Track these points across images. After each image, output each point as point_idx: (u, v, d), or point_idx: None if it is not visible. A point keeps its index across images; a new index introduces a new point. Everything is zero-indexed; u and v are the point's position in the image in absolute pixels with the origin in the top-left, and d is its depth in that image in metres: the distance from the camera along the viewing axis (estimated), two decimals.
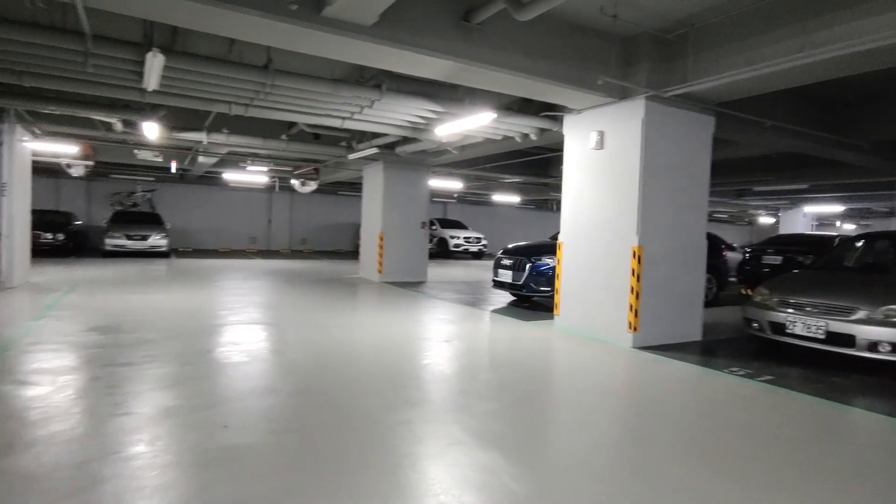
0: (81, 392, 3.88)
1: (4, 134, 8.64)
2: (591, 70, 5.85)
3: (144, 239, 16.02)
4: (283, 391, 4.14)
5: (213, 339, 5.77)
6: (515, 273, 8.69)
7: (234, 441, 3.15)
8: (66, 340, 5.40)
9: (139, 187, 20.89)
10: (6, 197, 8.71)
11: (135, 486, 2.57)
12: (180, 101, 6.91)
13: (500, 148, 9.95)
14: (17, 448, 2.91)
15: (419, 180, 12.64)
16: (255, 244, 23.21)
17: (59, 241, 15.29)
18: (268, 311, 7.80)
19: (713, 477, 2.92)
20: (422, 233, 12.79)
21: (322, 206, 24.50)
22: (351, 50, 4.90)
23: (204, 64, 5.67)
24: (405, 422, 3.55)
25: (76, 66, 5.54)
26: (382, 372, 4.78)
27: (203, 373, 4.50)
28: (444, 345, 6.02)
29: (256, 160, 14.16)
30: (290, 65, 6.63)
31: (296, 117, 7.82)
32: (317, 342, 5.82)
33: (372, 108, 7.13)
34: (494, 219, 28.33)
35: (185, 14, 4.21)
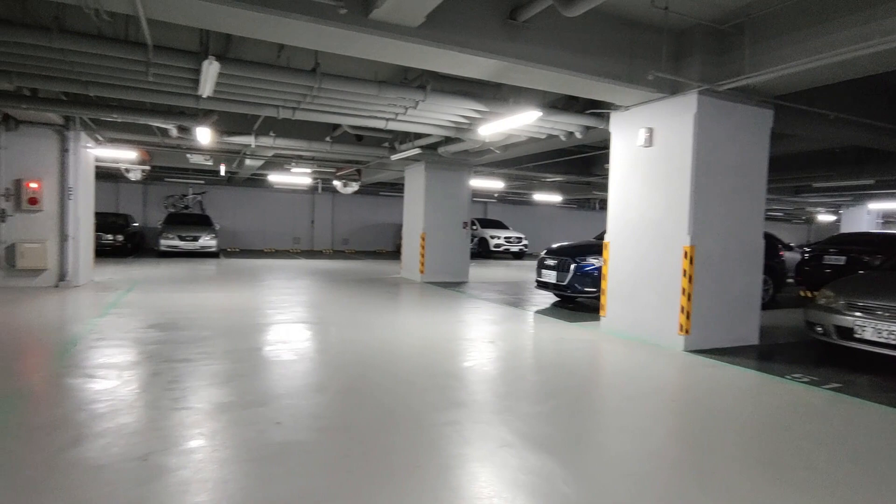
0: (144, 386, 4.05)
1: (70, 141, 9.17)
2: (640, 65, 5.69)
3: (196, 240, 16.68)
4: (331, 389, 4.20)
5: (263, 337, 5.93)
6: (560, 273, 8.55)
7: (287, 438, 3.21)
8: (128, 337, 5.66)
9: (190, 190, 21.77)
10: (72, 200, 9.24)
11: (198, 478, 2.66)
12: (231, 106, 7.14)
13: (543, 147, 9.83)
14: (87, 439, 3.07)
15: (461, 180, 12.63)
16: (299, 244, 23.79)
17: (119, 241, 16.10)
18: (313, 310, 7.96)
19: (780, 490, 2.77)
20: (463, 233, 12.78)
21: (364, 207, 24.87)
22: (397, 51, 4.93)
23: (255, 70, 5.83)
24: (452, 422, 3.54)
25: (138, 76, 5.81)
26: (427, 372, 4.79)
27: (254, 370, 4.62)
28: (488, 345, 5.98)
29: (300, 162, 14.50)
30: (336, 68, 6.76)
31: (340, 119, 7.95)
32: (361, 341, 5.89)
33: (416, 109, 7.17)
34: (535, 218, 28.04)
35: (240, 22, 4.34)
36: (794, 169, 12.81)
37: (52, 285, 9.12)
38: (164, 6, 4.09)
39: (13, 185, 8.89)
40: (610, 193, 6.95)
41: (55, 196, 9.13)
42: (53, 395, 3.79)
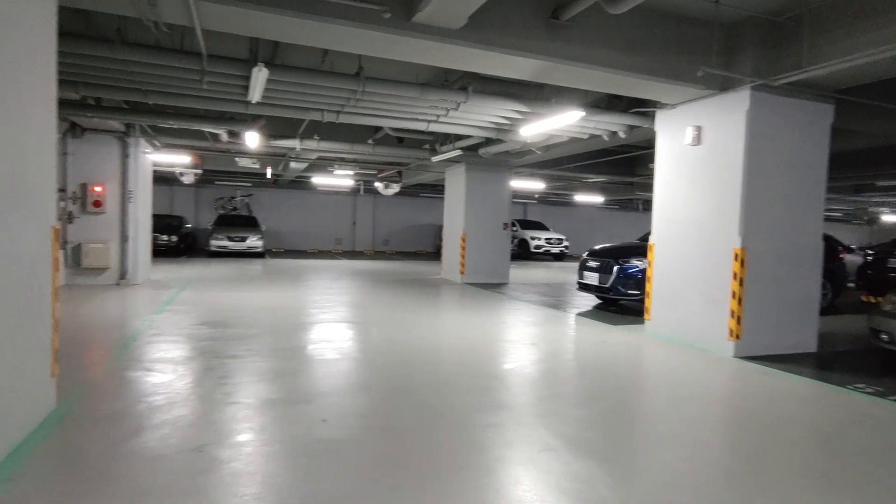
0: (197, 381, 4.23)
1: (131, 147, 9.68)
2: (688, 61, 5.52)
3: (243, 240, 17.26)
4: (374, 388, 4.27)
5: (307, 336, 6.08)
6: (602, 275, 8.39)
7: (333, 435, 3.29)
8: (182, 333, 5.92)
9: (238, 192, 22.55)
10: (132, 203, 9.74)
11: (248, 470, 2.76)
12: (278, 110, 7.37)
13: (585, 147, 9.67)
14: (146, 430, 3.23)
15: (501, 181, 12.58)
16: (341, 245, 24.26)
17: (173, 242, 16.85)
18: (355, 309, 8.10)
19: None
20: (504, 234, 12.72)
21: (404, 208, 25.12)
22: (439, 54, 4.96)
23: (301, 75, 5.99)
24: (495, 424, 3.53)
25: (193, 84, 6.08)
26: (468, 373, 4.79)
27: (300, 368, 4.75)
28: (530, 347, 5.94)
29: (343, 164, 14.79)
30: (379, 71, 6.86)
31: (382, 122, 8.06)
32: (403, 341, 5.95)
33: (457, 111, 7.19)
34: (576, 219, 27.61)
35: (288, 29, 4.47)
36: (854, 167, 12.11)
37: (113, 283, 9.64)
38: (217, 17, 4.26)
39: (79, 188, 9.44)
40: (655, 194, 6.77)
41: (117, 199, 9.65)
42: (115, 388, 4.01)
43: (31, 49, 3.05)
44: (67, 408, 3.50)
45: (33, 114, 3.09)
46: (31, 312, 3.09)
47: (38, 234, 3.18)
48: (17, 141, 2.87)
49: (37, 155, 3.14)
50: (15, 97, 2.84)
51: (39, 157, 3.18)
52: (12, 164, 2.81)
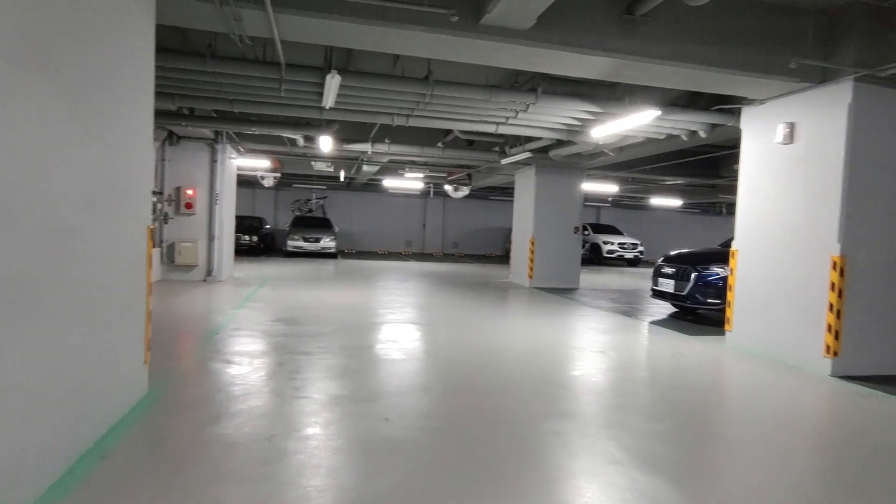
0: (270, 374, 4.44)
1: (219, 153, 10.39)
2: (779, 53, 5.12)
3: (317, 241, 18.00)
4: (438, 390, 4.29)
5: (374, 336, 6.23)
6: (678, 282, 7.96)
7: (395, 434, 3.33)
8: (259, 328, 6.25)
9: (314, 195, 23.56)
10: (218, 205, 10.45)
11: (313, 463, 2.86)
12: (351, 115, 7.62)
13: (662, 148, 9.23)
14: (224, 418, 3.43)
15: (572, 184, 12.29)
16: (410, 247, 24.68)
17: (254, 242, 17.88)
18: (422, 311, 8.19)
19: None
20: (574, 238, 12.41)
21: (473, 211, 25.16)
22: (508, 55, 4.92)
23: (372, 80, 6.16)
24: (558, 433, 3.44)
25: (273, 92, 6.43)
26: (533, 378, 4.70)
27: (366, 367, 4.86)
28: (599, 355, 5.73)
29: (413, 167, 15.05)
30: (448, 75, 6.91)
31: (452, 125, 8.11)
32: (468, 344, 5.95)
33: (527, 112, 7.10)
34: (652, 223, 26.42)
35: (361, 37, 4.61)
36: None
37: (201, 279, 10.37)
38: (295, 28, 4.48)
39: (174, 192, 10.26)
40: (739, 196, 6.33)
41: (205, 201, 10.39)
42: (199, 377, 4.30)
43: (133, 68, 3.34)
44: (157, 393, 3.80)
45: (133, 125, 3.38)
46: (128, 305, 3.38)
47: (135, 234, 3.47)
48: (120, 150, 3.16)
49: (135, 162, 3.43)
50: (120, 113, 3.12)
51: (137, 163, 3.48)
52: (115, 170, 3.08)
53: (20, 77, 2.12)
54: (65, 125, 2.50)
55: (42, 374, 2.36)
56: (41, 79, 2.28)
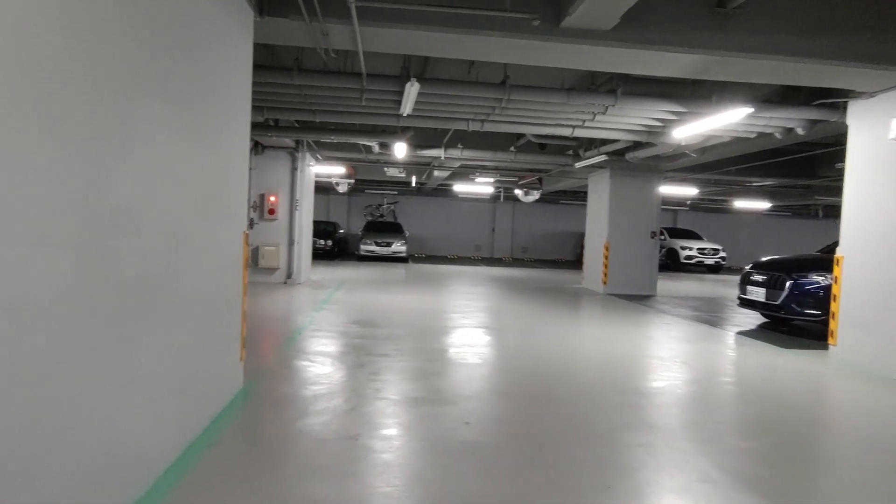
0: (351, 375, 4.60)
1: (299, 161, 10.92)
2: (891, 41, 4.67)
3: (389, 245, 18.42)
4: (515, 395, 4.26)
5: (448, 339, 6.28)
6: (771, 291, 7.42)
7: (475, 438, 3.34)
8: (337, 330, 6.49)
9: (385, 200, 24.17)
10: (298, 211, 10.97)
11: (398, 463, 2.92)
12: (426, 122, 7.76)
13: (751, 147, 8.68)
14: (311, 415, 3.59)
15: (649, 187, 11.83)
16: (480, 252, 24.70)
17: (329, 246, 18.59)
18: (494, 316, 8.17)
19: None
20: (651, 243, 11.93)
21: (544, 215, 24.81)
22: (589, 57, 4.82)
23: (449, 87, 6.25)
24: (645, 445, 3.30)
25: (353, 101, 6.68)
26: (613, 387, 4.55)
27: (443, 370, 4.91)
28: (682, 366, 5.46)
29: (484, 172, 15.07)
30: (523, 79, 6.87)
31: (526, 129, 8.06)
32: (543, 350, 5.86)
33: (604, 115, 6.92)
34: (735, 228, 24.85)
35: (440, 45, 4.70)
36: None
37: (281, 282, 10.93)
38: (378, 40, 4.63)
39: (258, 198, 10.89)
40: (845, 198, 5.82)
41: (286, 207, 10.95)
42: (286, 374, 4.52)
43: (234, 86, 3.59)
44: (251, 388, 4.04)
45: (233, 138, 3.63)
46: (228, 304, 3.63)
47: (234, 238, 3.72)
48: (223, 161, 3.40)
49: (234, 171, 3.68)
50: (224, 126, 3.36)
51: (236, 173, 3.73)
52: (219, 180, 3.33)
53: (143, 99, 2.34)
54: (179, 140, 2.72)
55: (161, 366, 2.58)
56: (161, 98, 2.50)
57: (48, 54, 1.68)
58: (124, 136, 2.16)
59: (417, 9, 4.29)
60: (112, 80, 2.06)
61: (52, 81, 1.71)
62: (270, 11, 4.19)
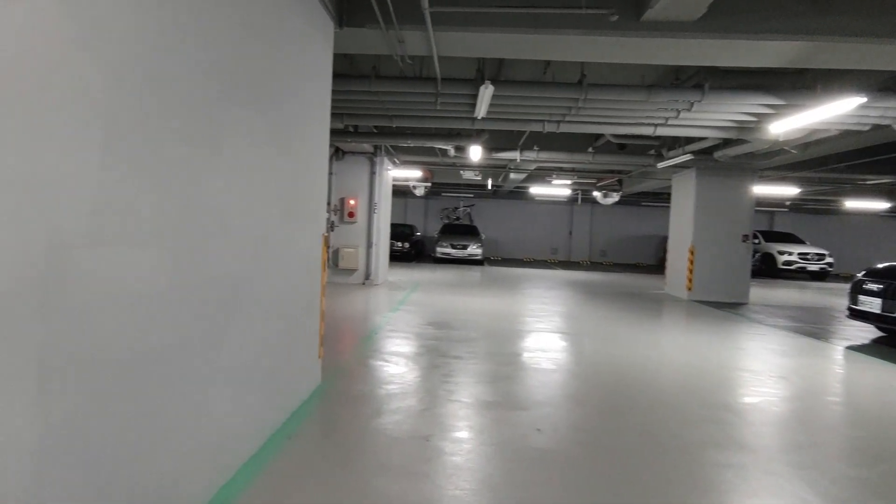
0: (424, 375, 4.65)
1: (377, 165, 11.26)
2: None
3: (465, 248, 18.51)
4: (591, 404, 4.10)
5: (522, 343, 6.18)
6: (888, 301, 6.64)
7: (547, 445, 3.25)
8: (413, 331, 6.60)
9: (461, 203, 24.33)
10: (376, 214, 11.31)
11: (468, 466, 2.91)
12: (501, 124, 7.71)
13: (865, 141, 7.83)
14: (385, 414, 3.66)
15: (740, 187, 11.01)
16: (556, 255, 24.20)
17: (405, 248, 19.00)
18: (570, 321, 7.95)
19: None
20: (743, 247, 11.09)
21: (623, 218, 23.88)
22: (672, 51, 4.57)
23: (524, 88, 6.17)
24: (734, 465, 3.06)
25: (429, 106, 6.78)
26: (699, 401, 4.26)
27: (516, 374, 4.84)
28: (779, 381, 5.01)
29: (561, 174, 14.74)
30: (601, 77, 6.65)
31: (604, 129, 7.79)
32: (621, 357, 5.61)
33: (690, 111, 6.52)
34: (844, 230, 22.55)
35: (515, 46, 4.65)
36: None
37: (359, 283, 11.31)
38: (452, 44, 4.67)
39: (339, 202, 11.36)
40: None
41: (365, 210, 11.32)
42: (362, 373, 4.66)
43: (316, 94, 3.77)
44: (328, 385, 4.20)
45: (314, 144, 3.80)
46: (308, 303, 3.80)
47: (314, 241, 3.89)
48: (305, 167, 3.57)
49: (315, 176, 3.86)
50: (306, 133, 3.53)
51: (316, 177, 3.90)
52: (301, 184, 3.50)
53: (233, 106, 2.50)
54: (264, 146, 2.89)
55: (245, 360, 2.74)
56: (247, 106, 2.66)
57: (151, 66, 1.84)
58: (215, 142, 2.32)
59: (490, 11, 4.28)
60: (205, 88, 2.22)
61: (154, 92, 1.87)
62: (349, 22, 4.35)
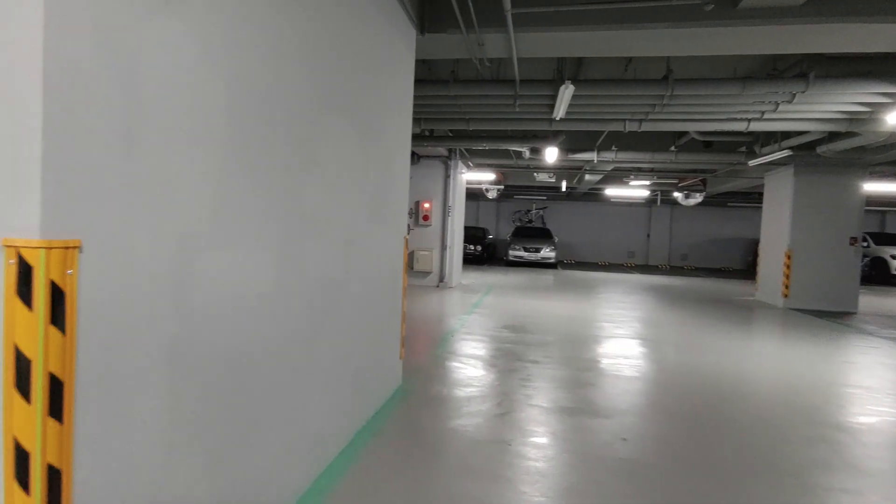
0: (503, 379, 4.62)
1: (451, 168, 11.37)
2: None
3: (537, 251, 18.24)
4: (680, 415, 3.90)
5: (602, 349, 5.99)
6: None
7: (634, 456, 3.12)
8: (488, 334, 6.58)
9: (534, 205, 24.01)
10: (450, 217, 11.41)
11: (552, 473, 2.85)
12: (580, 125, 7.53)
13: None
14: (464, 415, 3.67)
15: (847, 185, 10.05)
16: (633, 259, 23.27)
17: (478, 251, 19.01)
18: (651, 328, 7.60)
19: None
20: (850, 251, 10.11)
21: (707, 220, 22.54)
22: (771, 39, 4.25)
23: (605, 87, 5.99)
24: (849, 491, 2.79)
25: (507, 108, 6.76)
26: (801, 419, 3.92)
27: (596, 381, 4.69)
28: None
29: (639, 174, 14.16)
30: (688, 71, 6.32)
31: (690, 126, 7.39)
32: (710, 367, 5.28)
33: (791, 104, 6.04)
34: None
35: (597, 44, 4.53)
36: None
37: (434, 285, 11.45)
38: (532, 45, 4.62)
39: (414, 205, 11.57)
40: None
41: (439, 214, 11.46)
42: (440, 374, 4.70)
43: (399, 101, 3.87)
44: (408, 385, 4.28)
45: (397, 149, 3.90)
46: (391, 304, 3.90)
47: (396, 243, 3.98)
48: (388, 172, 3.67)
49: (397, 181, 3.95)
50: (389, 139, 3.64)
51: (399, 182, 3.99)
52: (385, 189, 3.60)
53: (327, 116, 2.62)
54: (353, 152, 2.99)
55: (336, 358, 2.85)
56: (339, 115, 2.78)
57: (259, 79, 1.97)
58: (311, 149, 2.44)
59: (572, 9, 4.19)
60: (304, 99, 2.34)
61: (262, 104, 1.99)
62: (431, 28, 4.42)
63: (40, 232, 1.14)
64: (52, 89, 1.16)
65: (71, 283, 1.20)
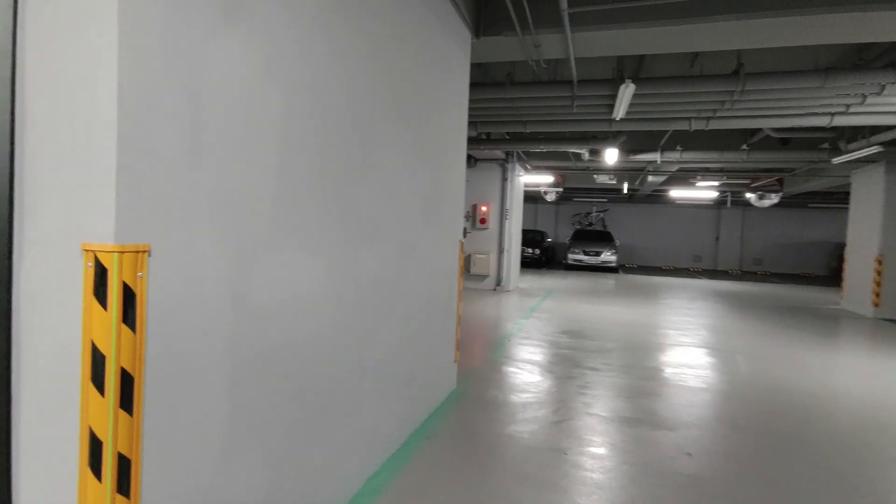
0: (559, 386, 4.52)
1: (508, 171, 11.29)
2: None
3: (598, 255, 17.75)
4: (751, 431, 3.66)
5: (664, 358, 5.73)
6: None
7: (700, 472, 2.96)
8: (546, 339, 6.47)
9: (594, 208, 23.41)
10: (508, 220, 11.33)
11: (611, 486, 2.75)
12: (641, 124, 7.27)
13: None
14: (520, 422, 3.62)
15: None
16: (700, 263, 22.16)
17: (536, 255, 18.74)
18: (720, 336, 7.19)
19: None
20: None
21: (783, 222, 21.11)
22: (856, 26, 3.92)
23: (667, 85, 5.75)
24: None
25: (564, 109, 6.63)
26: (887, 438, 3.57)
27: (659, 391, 4.49)
28: None
29: (707, 175, 13.47)
30: (761, 65, 5.95)
31: (764, 123, 6.95)
32: (785, 380, 4.93)
33: (880, 95, 5.55)
34: None
35: (658, 41, 4.36)
36: None
37: (491, 289, 11.40)
38: (590, 44, 4.51)
39: (471, 208, 11.58)
40: None
41: (496, 217, 11.41)
42: (495, 379, 4.67)
43: (455, 106, 3.88)
44: (463, 389, 4.27)
45: (453, 153, 3.92)
46: (446, 307, 3.91)
47: (451, 247, 3.99)
48: (444, 176, 3.69)
49: (453, 185, 3.96)
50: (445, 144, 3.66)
51: (454, 186, 4.01)
52: (440, 193, 3.62)
53: (381, 122, 2.66)
54: (408, 157, 3.03)
55: (391, 361, 2.89)
56: (394, 121, 2.82)
57: (315, 88, 2.03)
58: (367, 155, 2.49)
59: (630, 5, 4.05)
60: (360, 106, 2.39)
61: (318, 113, 2.06)
62: (486, 31, 4.42)
63: (114, 237, 1.23)
64: (126, 105, 1.25)
65: (141, 284, 1.29)
